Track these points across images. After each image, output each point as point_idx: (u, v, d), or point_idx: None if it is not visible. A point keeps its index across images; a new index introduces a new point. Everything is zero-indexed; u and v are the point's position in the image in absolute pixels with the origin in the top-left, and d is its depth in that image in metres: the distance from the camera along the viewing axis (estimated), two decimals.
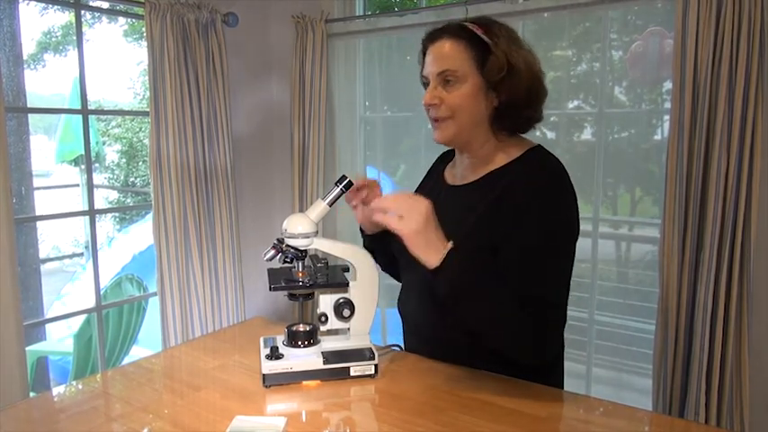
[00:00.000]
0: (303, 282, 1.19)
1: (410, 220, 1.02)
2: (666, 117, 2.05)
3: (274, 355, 1.17)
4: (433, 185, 1.36)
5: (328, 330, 1.22)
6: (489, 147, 1.21)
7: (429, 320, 1.25)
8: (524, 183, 1.12)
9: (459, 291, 1.05)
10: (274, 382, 1.16)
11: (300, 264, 1.20)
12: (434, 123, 1.20)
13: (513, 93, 1.15)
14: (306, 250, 1.19)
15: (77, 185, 6.53)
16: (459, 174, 1.27)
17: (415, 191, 1.44)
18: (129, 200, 8.44)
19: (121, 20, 7.46)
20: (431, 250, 1.03)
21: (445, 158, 1.41)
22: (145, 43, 2.21)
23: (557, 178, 1.13)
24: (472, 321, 1.10)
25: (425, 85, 1.24)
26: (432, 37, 1.20)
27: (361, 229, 1.42)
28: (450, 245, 1.03)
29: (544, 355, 1.11)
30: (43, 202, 6.35)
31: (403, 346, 1.36)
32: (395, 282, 1.43)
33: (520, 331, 1.06)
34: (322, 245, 1.18)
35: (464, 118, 1.16)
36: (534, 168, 1.15)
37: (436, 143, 1.24)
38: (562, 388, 1.23)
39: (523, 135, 1.24)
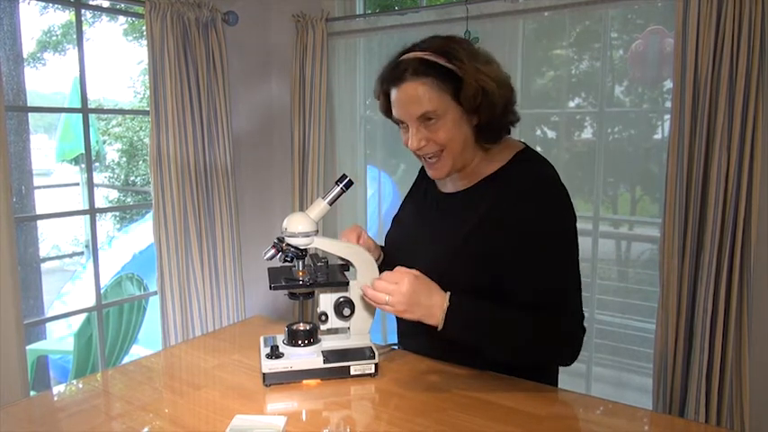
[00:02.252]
0: (303, 281, 1.19)
1: (398, 301, 1.04)
2: (667, 116, 2.05)
3: (274, 354, 1.17)
4: (424, 192, 1.35)
5: (328, 329, 1.22)
6: (478, 159, 1.21)
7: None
8: (517, 191, 1.13)
9: (471, 338, 1.10)
10: (274, 380, 1.16)
11: (301, 263, 1.20)
12: (425, 162, 1.19)
13: (491, 112, 1.13)
14: (306, 249, 1.19)
15: (77, 184, 6.53)
16: (451, 181, 1.27)
17: (406, 196, 1.43)
18: (129, 199, 8.44)
19: (122, 19, 7.45)
20: (431, 313, 1.06)
21: None
22: (145, 42, 2.21)
23: (548, 185, 1.14)
24: (497, 354, 1.15)
25: (390, 115, 1.22)
26: (394, 78, 1.14)
27: None
28: (447, 300, 1.05)
29: (573, 356, 1.14)
30: (43, 201, 6.35)
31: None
32: None
33: (543, 344, 1.11)
34: (322, 244, 1.18)
35: (455, 148, 1.15)
36: (526, 176, 1.15)
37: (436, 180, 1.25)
38: (556, 386, 1.23)
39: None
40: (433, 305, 1.05)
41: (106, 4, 3.15)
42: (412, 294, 1.04)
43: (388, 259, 1.33)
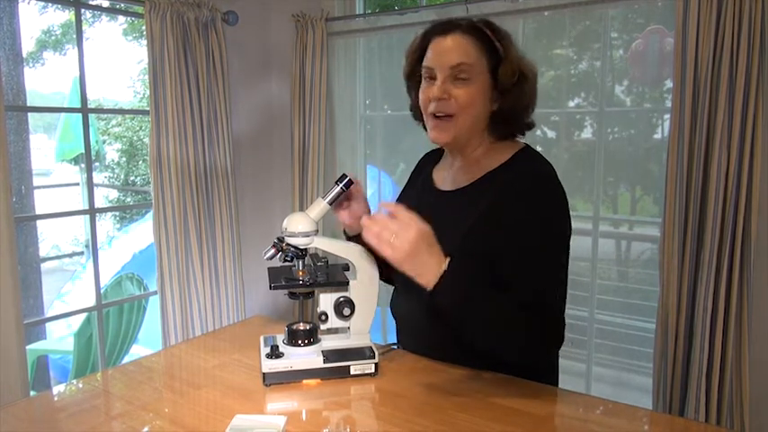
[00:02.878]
0: (303, 280, 1.19)
1: (401, 246, 0.98)
2: (667, 116, 2.05)
3: (274, 353, 1.17)
4: (421, 189, 1.34)
5: (328, 329, 1.22)
6: (482, 149, 1.21)
7: (424, 321, 1.25)
8: (516, 190, 1.13)
9: (458, 308, 1.05)
10: (274, 380, 1.16)
11: (300, 262, 1.20)
12: (434, 121, 1.18)
13: (519, 100, 1.17)
14: (306, 249, 1.19)
15: (77, 184, 6.53)
16: (450, 177, 1.27)
17: (402, 191, 1.43)
18: (129, 199, 8.44)
19: (121, 18, 7.45)
20: (425, 271, 1.01)
21: (432, 157, 1.40)
22: (145, 42, 2.21)
23: (546, 184, 1.14)
24: (473, 333, 1.10)
25: (412, 77, 1.25)
26: (442, 30, 1.17)
27: (344, 232, 1.39)
28: (445, 264, 1.01)
29: (545, 356, 1.14)
30: (43, 201, 6.35)
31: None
32: None
33: (519, 338, 1.08)
34: (322, 243, 1.18)
35: (468, 118, 1.16)
36: (525, 174, 1.15)
37: (433, 143, 1.23)
38: (557, 386, 1.23)
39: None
40: (430, 263, 1.01)
41: (106, 4, 3.15)
42: (416, 244, 0.98)
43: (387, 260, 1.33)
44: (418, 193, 1.35)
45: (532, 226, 1.10)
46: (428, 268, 1.01)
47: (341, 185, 1.20)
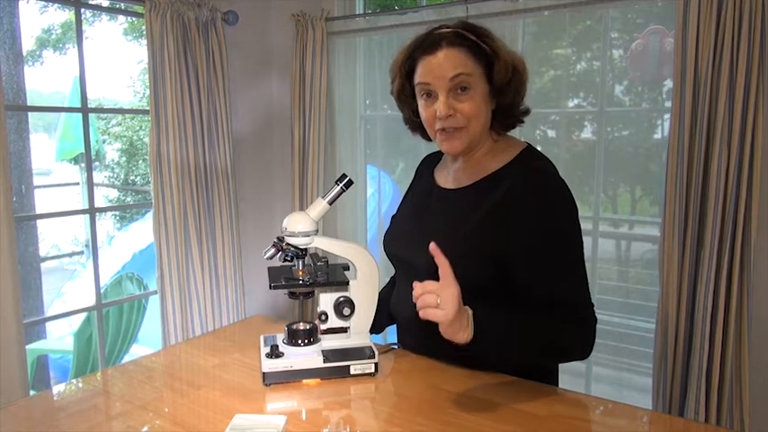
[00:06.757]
0: (303, 280, 1.19)
1: (447, 309, 0.98)
2: (667, 116, 2.05)
3: (274, 353, 1.17)
4: (423, 188, 1.34)
5: (328, 329, 1.22)
6: (485, 149, 1.22)
7: (424, 321, 1.24)
8: (524, 190, 1.12)
9: (500, 348, 1.08)
10: (274, 380, 1.16)
11: (301, 262, 1.20)
12: (444, 134, 1.17)
13: (516, 94, 1.18)
14: (306, 249, 1.19)
15: (77, 184, 6.53)
16: (452, 177, 1.27)
17: (405, 195, 1.43)
18: (129, 198, 8.44)
19: (121, 18, 7.45)
20: (462, 330, 1.01)
21: (431, 159, 1.40)
22: (145, 41, 2.21)
23: (552, 182, 1.14)
24: (525, 360, 1.13)
25: (401, 93, 1.23)
26: (430, 46, 1.15)
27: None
28: (470, 314, 1.02)
29: (590, 351, 1.14)
30: (43, 201, 6.35)
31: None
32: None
33: (566, 343, 1.11)
34: (322, 243, 1.18)
35: (477, 126, 1.16)
36: (531, 174, 1.15)
37: (447, 153, 1.25)
38: (557, 386, 1.23)
39: (512, 133, 1.26)
40: (463, 319, 1.01)
41: (106, 4, 3.15)
42: (460, 305, 0.99)
43: (388, 258, 1.33)
44: (420, 195, 1.35)
45: (542, 224, 1.10)
46: (463, 326, 1.01)
47: (341, 185, 1.20)
